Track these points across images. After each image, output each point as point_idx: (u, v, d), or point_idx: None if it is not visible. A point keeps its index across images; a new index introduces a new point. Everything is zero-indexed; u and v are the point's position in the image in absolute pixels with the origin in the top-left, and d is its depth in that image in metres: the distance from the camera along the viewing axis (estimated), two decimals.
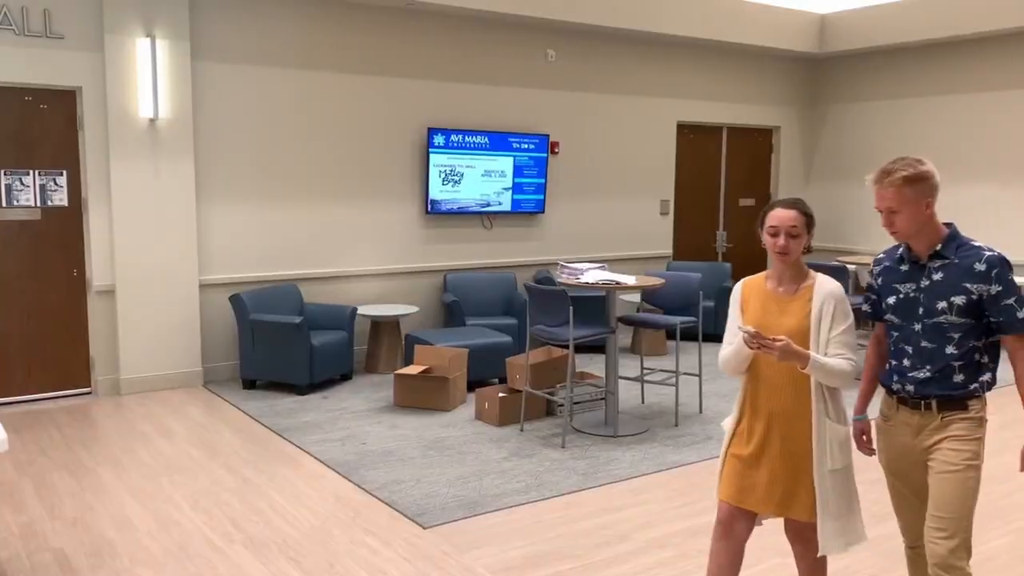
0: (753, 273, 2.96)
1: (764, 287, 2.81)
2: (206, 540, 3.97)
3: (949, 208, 9.18)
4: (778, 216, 2.72)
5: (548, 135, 8.41)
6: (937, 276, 2.60)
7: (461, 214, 8.06)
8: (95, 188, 6.38)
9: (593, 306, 7.73)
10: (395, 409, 6.21)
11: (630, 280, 5.64)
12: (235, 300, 6.64)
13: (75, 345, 6.52)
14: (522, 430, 5.71)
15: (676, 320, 5.91)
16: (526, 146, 8.25)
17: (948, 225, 2.64)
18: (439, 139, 7.74)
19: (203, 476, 4.81)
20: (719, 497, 2.87)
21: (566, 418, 5.49)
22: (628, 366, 7.20)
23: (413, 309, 7.42)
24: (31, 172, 6.22)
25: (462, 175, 7.91)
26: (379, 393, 6.63)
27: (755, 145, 10.30)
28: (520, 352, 6.64)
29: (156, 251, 6.55)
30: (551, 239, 8.70)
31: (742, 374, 2.82)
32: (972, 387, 2.60)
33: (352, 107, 7.41)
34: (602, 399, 6.18)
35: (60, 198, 6.34)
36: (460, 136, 7.86)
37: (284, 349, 6.50)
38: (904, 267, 2.69)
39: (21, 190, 6.19)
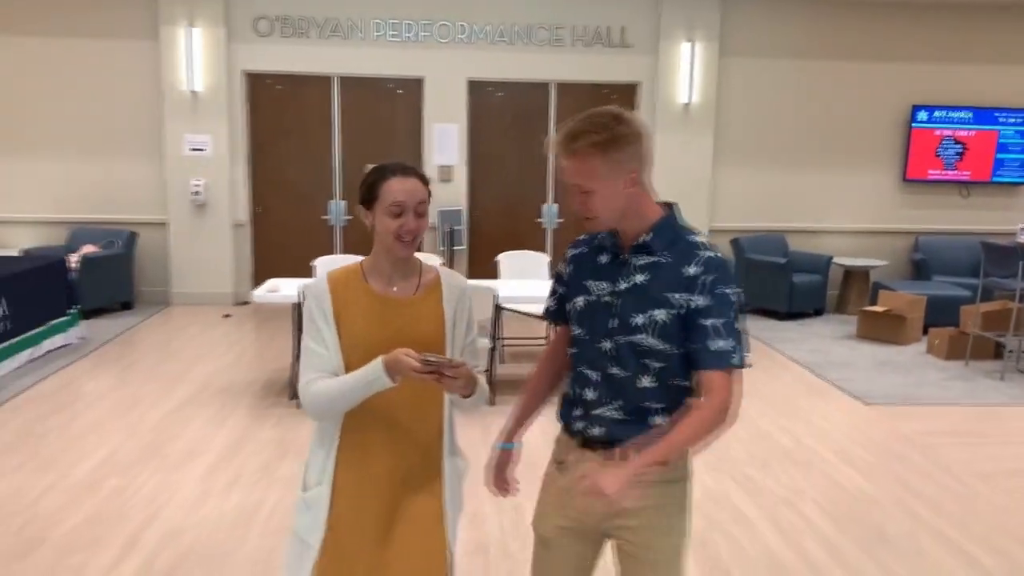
0: None
1: (366, 288, 2.01)
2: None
3: None
4: (402, 188, 1.94)
5: None
6: (640, 278, 1.86)
7: (938, 182, 8.97)
8: None
9: None
10: (856, 338, 7.64)
11: None
12: (735, 243, 8.64)
13: None
14: (967, 364, 6.76)
15: None
16: (1012, 120, 8.79)
17: (667, 206, 1.93)
18: (922, 115, 8.75)
19: None
20: None
21: (1008, 359, 6.41)
22: None
23: (883, 262, 8.66)
24: None
25: (940, 146, 8.82)
26: (844, 328, 8.09)
27: None
28: None
29: (681, 201, 8.78)
30: None
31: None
32: None
33: (842, 88, 8.82)
34: None
35: None
36: (944, 112, 8.76)
37: (770, 283, 8.31)
38: (603, 258, 1.93)
39: None
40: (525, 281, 6.24)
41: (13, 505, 3.86)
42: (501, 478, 2.12)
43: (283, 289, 5.52)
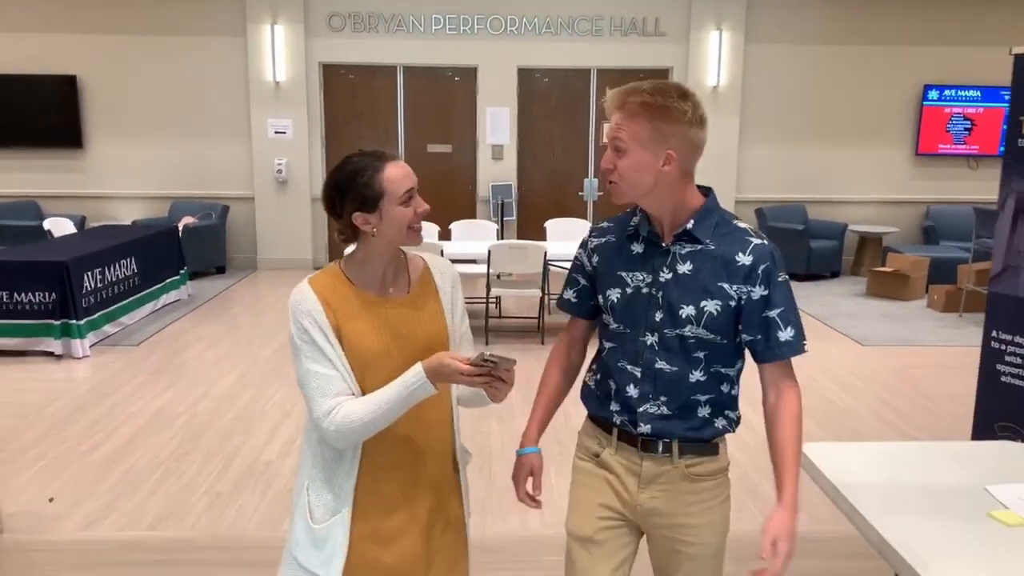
0: None
1: (358, 294, 1.79)
2: None
3: None
4: (405, 173, 1.81)
5: None
6: (685, 267, 1.79)
7: (947, 156, 9.77)
8: None
9: None
10: (866, 296, 8.54)
11: None
12: (758, 212, 9.55)
13: None
14: (960, 316, 7.64)
15: None
16: None
17: (705, 192, 1.85)
18: (933, 94, 9.55)
19: None
20: None
21: None
22: None
23: (894, 229, 9.51)
24: None
25: (950, 123, 9.62)
26: (857, 287, 8.99)
27: None
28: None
29: (710, 177, 9.71)
30: None
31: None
32: (719, 424, 1.87)
33: (858, 71, 9.65)
34: None
35: None
36: (953, 91, 9.55)
37: (790, 248, 9.22)
38: (637, 247, 1.85)
39: None
40: (569, 243, 7.27)
41: (175, 410, 5.02)
42: (536, 485, 1.93)
43: None
